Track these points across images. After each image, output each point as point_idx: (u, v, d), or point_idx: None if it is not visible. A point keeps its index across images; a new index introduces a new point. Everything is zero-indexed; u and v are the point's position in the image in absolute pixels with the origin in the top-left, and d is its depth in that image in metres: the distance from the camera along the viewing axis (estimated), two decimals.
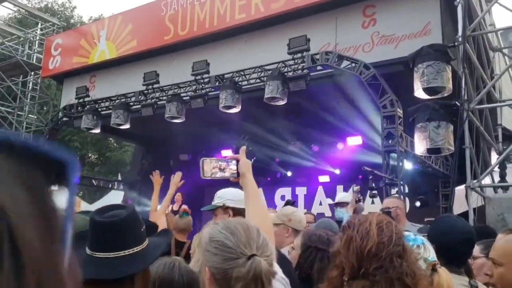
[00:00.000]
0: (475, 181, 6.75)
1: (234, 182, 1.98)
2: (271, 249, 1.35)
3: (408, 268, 1.45)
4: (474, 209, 6.86)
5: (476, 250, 2.76)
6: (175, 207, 8.61)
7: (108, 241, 1.52)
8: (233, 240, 1.29)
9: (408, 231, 2.15)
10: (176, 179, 3.98)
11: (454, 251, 2.36)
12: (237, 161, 1.94)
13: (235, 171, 1.92)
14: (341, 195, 6.59)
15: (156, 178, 4.20)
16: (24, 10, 19.70)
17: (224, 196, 2.91)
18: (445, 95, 7.42)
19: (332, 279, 1.54)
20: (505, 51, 9.50)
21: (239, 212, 2.75)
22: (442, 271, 1.88)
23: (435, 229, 2.54)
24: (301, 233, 3.16)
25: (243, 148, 1.98)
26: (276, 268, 1.49)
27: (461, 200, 7.36)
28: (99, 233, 1.53)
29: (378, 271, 1.43)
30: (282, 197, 13.94)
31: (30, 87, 17.45)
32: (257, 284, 1.23)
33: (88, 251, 1.54)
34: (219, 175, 1.91)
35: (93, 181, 16.52)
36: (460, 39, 6.95)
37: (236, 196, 2.84)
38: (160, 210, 4.03)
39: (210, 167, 1.90)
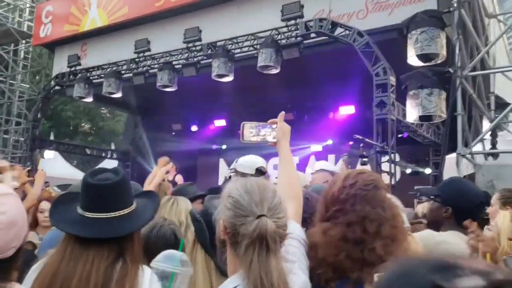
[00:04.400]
0: (466, 148, 6.76)
1: (271, 146, 1.98)
2: (285, 211, 1.38)
3: (373, 214, 1.47)
4: (464, 176, 6.89)
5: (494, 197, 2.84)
6: (170, 178, 8.66)
7: (103, 202, 1.57)
8: (247, 198, 1.34)
9: None
10: (162, 171, 4.15)
11: (469, 213, 2.41)
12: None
13: (273, 136, 1.93)
14: (322, 163, 6.12)
15: (164, 161, 4.32)
16: None
17: (239, 161, 3.09)
18: (439, 62, 7.35)
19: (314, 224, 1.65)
20: (501, 17, 9.36)
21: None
22: (411, 238, 1.96)
23: (448, 191, 2.51)
24: None
25: (282, 113, 1.98)
26: (296, 229, 1.57)
27: (452, 168, 7.39)
28: (93, 194, 1.58)
29: (340, 213, 1.51)
30: (275, 167, 13.96)
31: (22, 56, 17.21)
32: (261, 243, 1.27)
33: (80, 211, 1.57)
34: (257, 139, 1.93)
35: (87, 150, 16.47)
36: (455, 4, 6.83)
37: (245, 162, 3.09)
38: (152, 185, 4.00)
39: (249, 132, 1.92)
